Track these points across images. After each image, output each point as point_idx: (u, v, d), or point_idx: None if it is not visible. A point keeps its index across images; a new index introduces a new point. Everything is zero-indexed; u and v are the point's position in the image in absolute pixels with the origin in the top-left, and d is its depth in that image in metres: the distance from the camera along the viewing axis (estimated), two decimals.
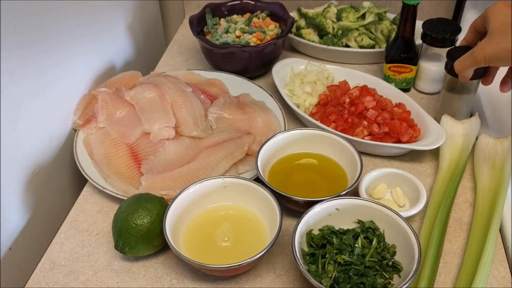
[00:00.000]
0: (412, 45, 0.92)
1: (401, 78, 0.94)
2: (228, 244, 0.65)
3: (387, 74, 0.95)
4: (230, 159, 0.76)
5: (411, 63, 0.92)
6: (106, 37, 0.96)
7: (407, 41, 0.91)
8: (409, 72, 0.93)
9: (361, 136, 0.80)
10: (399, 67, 0.93)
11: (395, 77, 0.94)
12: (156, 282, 0.64)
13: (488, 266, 0.61)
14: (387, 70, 0.95)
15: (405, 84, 0.95)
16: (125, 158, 0.78)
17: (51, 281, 0.65)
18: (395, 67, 0.93)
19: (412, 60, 0.92)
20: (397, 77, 0.94)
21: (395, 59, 0.93)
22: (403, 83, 0.95)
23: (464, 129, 0.81)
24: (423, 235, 0.67)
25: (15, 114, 0.68)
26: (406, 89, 0.97)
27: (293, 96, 0.91)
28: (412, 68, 0.93)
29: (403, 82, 0.95)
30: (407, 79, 0.95)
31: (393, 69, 0.94)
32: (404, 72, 0.93)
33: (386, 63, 0.94)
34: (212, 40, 0.98)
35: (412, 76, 0.95)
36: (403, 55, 0.92)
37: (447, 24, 0.89)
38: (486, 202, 0.71)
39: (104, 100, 0.85)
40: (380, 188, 0.74)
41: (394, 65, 0.93)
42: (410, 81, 0.95)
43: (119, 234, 0.63)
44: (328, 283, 0.57)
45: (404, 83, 0.95)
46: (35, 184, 0.75)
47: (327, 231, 0.63)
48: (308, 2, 1.19)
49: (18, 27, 0.67)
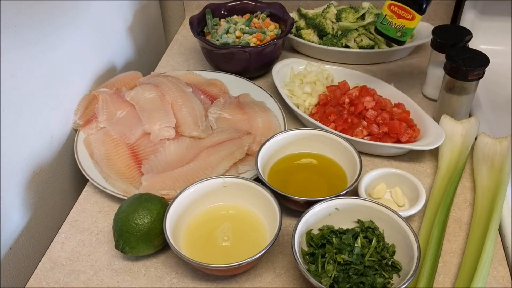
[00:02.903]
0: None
1: (397, 25, 0.79)
2: (228, 244, 0.65)
3: (384, 13, 0.80)
4: (230, 159, 0.76)
5: (417, 9, 0.77)
6: (106, 37, 0.96)
7: None
8: (409, 21, 0.78)
9: (361, 136, 0.80)
10: (400, 8, 0.78)
11: (391, 19, 0.79)
12: (157, 281, 0.64)
13: (487, 266, 0.61)
14: (386, 8, 0.79)
15: (400, 34, 0.80)
16: (126, 158, 0.78)
17: (52, 281, 0.65)
18: (396, 6, 0.78)
19: (419, 7, 0.76)
20: (394, 21, 0.79)
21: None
22: (398, 32, 0.80)
23: (463, 129, 0.81)
24: (422, 235, 0.68)
25: (16, 115, 0.68)
26: (398, 41, 0.82)
27: (293, 97, 0.91)
28: (414, 16, 0.77)
29: (398, 30, 0.79)
30: (403, 28, 0.79)
31: (392, 9, 0.79)
32: (404, 17, 0.78)
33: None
34: (212, 40, 0.98)
35: (410, 27, 0.79)
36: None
37: (457, 30, 0.88)
38: (485, 202, 0.71)
39: (105, 100, 0.85)
40: (380, 188, 0.74)
41: (395, 4, 0.78)
42: (407, 32, 0.79)
43: (120, 234, 0.63)
44: (327, 283, 0.57)
45: (399, 33, 0.80)
46: (36, 184, 0.75)
47: (326, 231, 0.63)
48: (308, 3, 1.19)
49: (18, 27, 0.67)
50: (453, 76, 0.79)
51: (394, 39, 0.81)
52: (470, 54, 0.79)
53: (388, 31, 0.81)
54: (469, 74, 0.78)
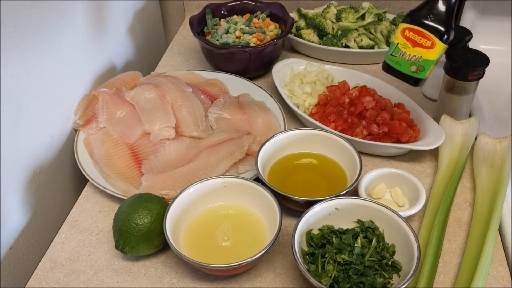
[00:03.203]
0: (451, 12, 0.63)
1: (412, 56, 0.64)
2: (228, 244, 0.65)
3: (397, 41, 0.65)
4: (230, 159, 0.76)
5: (438, 35, 0.62)
6: (106, 37, 0.96)
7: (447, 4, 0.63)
8: (428, 49, 0.63)
9: (361, 136, 0.80)
10: (417, 33, 0.63)
11: (405, 49, 0.64)
12: (157, 281, 0.64)
13: (487, 266, 0.62)
14: (399, 34, 0.65)
15: (415, 68, 0.65)
16: (126, 158, 0.78)
17: (52, 281, 0.65)
18: (411, 31, 0.63)
19: (440, 33, 0.62)
20: (408, 50, 0.64)
21: (417, 19, 0.63)
22: (413, 65, 0.64)
23: (463, 129, 0.81)
24: (422, 235, 0.68)
25: (16, 115, 0.68)
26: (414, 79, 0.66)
27: (293, 96, 0.91)
28: (434, 43, 0.62)
29: (413, 63, 0.64)
30: (420, 60, 0.64)
31: (407, 34, 0.64)
32: (422, 45, 0.63)
33: (402, 23, 0.66)
34: (212, 40, 0.98)
35: (429, 59, 0.63)
36: (432, 17, 0.63)
37: (457, 30, 0.88)
38: (485, 202, 0.71)
39: (105, 100, 0.85)
40: (380, 188, 0.74)
41: (412, 28, 0.63)
42: (424, 66, 0.64)
43: (120, 234, 0.63)
44: (327, 283, 0.57)
45: (414, 66, 0.65)
46: (36, 184, 0.75)
47: (326, 231, 0.63)
48: (308, 3, 1.19)
49: (18, 27, 0.67)
50: (453, 76, 0.79)
51: (408, 76, 0.66)
52: (470, 54, 0.79)
53: (400, 66, 0.66)
54: (469, 74, 0.78)
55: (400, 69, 0.66)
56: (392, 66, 0.67)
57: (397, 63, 0.66)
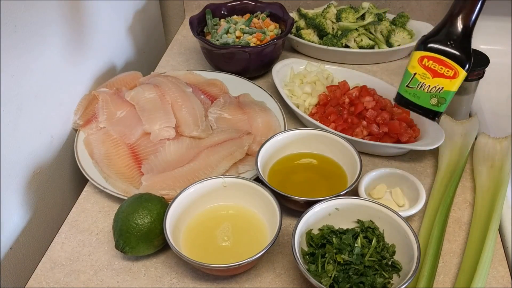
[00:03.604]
0: (470, 37, 0.57)
1: (432, 87, 0.57)
2: (228, 244, 0.65)
3: (413, 71, 0.58)
4: (230, 159, 0.76)
5: (461, 63, 0.56)
6: (106, 37, 0.96)
7: (464, 29, 0.57)
8: (450, 79, 0.56)
9: (361, 136, 0.80)
10: (438, 62, 0.56)
11: (424, 79, 0.57)
12: (157, 281, 0.64)
13: (487, 266, 0.62)
14: (416, 62, 0.57)
15: (436, 101, 0.58)
16: (126, 158, 0.78)
17: (52, 281, 0.65)
18: (431, 59, 0.56)
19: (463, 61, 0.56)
20: (428, 81, 0.57)
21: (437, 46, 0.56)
22: (433, 97, 0.58)
23: (463, 129, 0.81)
24: (422, 235, 0.68)
25: (16, 114, 0.68)
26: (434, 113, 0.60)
27: (293, 96, 0.91)
28: (457, 72, 0.56)
29: (434, 95, 0.57)
30: (441, 92, 0.57)
31: (426, 64, 0.56)
32: (443, 75, 0.56)
33: (417, 50, 0.58)
34: (212, 40, 0.98)
35: (451, 90, 0.57)
36: (452, 43, 0.56)
37: None
38: (485, 202, 0.71)
39: (105, 100, 0.85)
40: (380, 188, 0.74)
41: (431, 56, 0.56)
42: (445, 98, 0.58)
43: (120, 234, 0.63)
44: (327, 283, 0.57)
45: (435, 99, 0.58)
46: (36, 184, 0.75)
47: (326, 231, 0.63)
48: (308, 3, 1.19)
49: (18, 27, 0.67)
50: None
51: (427, 110, 0.60)
52: None
53: (419, 98, 0.59)
54: (469, 74, 0.77)
55: (419, 102, 0.60)
56: (409, 99, 0.60)
57: (415, 96, 0.59)
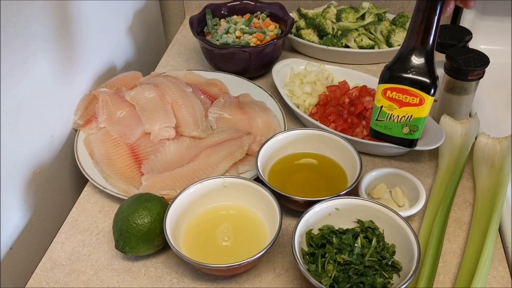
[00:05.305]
0: (430, 61, 0.56)
1: (401, 117, 0.57)
2: (228, 244, 0.65)
3: (379, 104, 0.58)
4: (230, 159, 0.76)
5: (425, 89, 0.55)
6: (106, 37, 0.96)
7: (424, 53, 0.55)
8: (417, 106, 0.56)
9: (361, 136, 0.80)
10: (401, 92, 0.56)
11: (391, 111, 0.57)
12: (157, 281, 0.64)
13: (487, 266, 0.62)
14: (380, 96, 0.58)
15: (408, 129, 0.58)
16: (126, 158, 0.78)
17: (52, 281, 0.65)
18: (393, 90, 0.56)
19: (427, 87, 0.55)
20: (396, 112, 0.57)
21: (397, 76, 0.56)
22: (404, 126, 0.58)
23: (463, 129, 0.81)
24: (422, 235, 0.68)
25: (16, 114, 0.68)
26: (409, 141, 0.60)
27: (293, 96, 0.91)
28: (423, 98, 0.55)
29: (405, 124, 0.58)
30: (411, 120, 0.57)
31: (390, 95, 0.56)
32: (409, 104, 0.56)
33: (380, 83, 0.58)
34: (212, 40, 0.98)
35: (421, 116, 0.57)
36: (413, 71, 0.55)
37: (457, 30, 0.88)
38: (485, 202, 0.71)
39: (105, 100, 0.85)
40: (380, 187, 0.74)
41: (393, 87, 0.56)
42: (417, 125, 0.58)
43: (120, 234, 0.63)
44: (327, 283, 0.57)
45: (406, 128, 0.58)
46: (36, 184, 0.75)
47: (326, 231, 0.63)
48: (308, 3, 1.19)
49: (18, 27, 0.67)
50: (453, 76, 0.79)
51: (401, 139, 0.59)
52: (470, 54, 0.79)
53: (391, 130, 0.59)
54: (469, 74, 0.78)
55: (391, 133, 0.60)
56: (382, 132, 0.60)
57: (386, 128, 0.59)
